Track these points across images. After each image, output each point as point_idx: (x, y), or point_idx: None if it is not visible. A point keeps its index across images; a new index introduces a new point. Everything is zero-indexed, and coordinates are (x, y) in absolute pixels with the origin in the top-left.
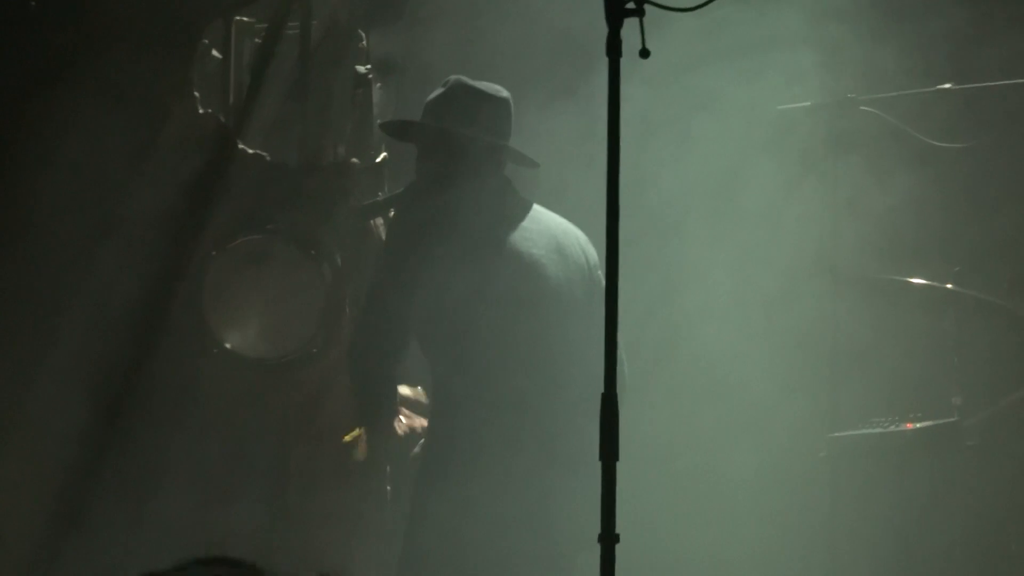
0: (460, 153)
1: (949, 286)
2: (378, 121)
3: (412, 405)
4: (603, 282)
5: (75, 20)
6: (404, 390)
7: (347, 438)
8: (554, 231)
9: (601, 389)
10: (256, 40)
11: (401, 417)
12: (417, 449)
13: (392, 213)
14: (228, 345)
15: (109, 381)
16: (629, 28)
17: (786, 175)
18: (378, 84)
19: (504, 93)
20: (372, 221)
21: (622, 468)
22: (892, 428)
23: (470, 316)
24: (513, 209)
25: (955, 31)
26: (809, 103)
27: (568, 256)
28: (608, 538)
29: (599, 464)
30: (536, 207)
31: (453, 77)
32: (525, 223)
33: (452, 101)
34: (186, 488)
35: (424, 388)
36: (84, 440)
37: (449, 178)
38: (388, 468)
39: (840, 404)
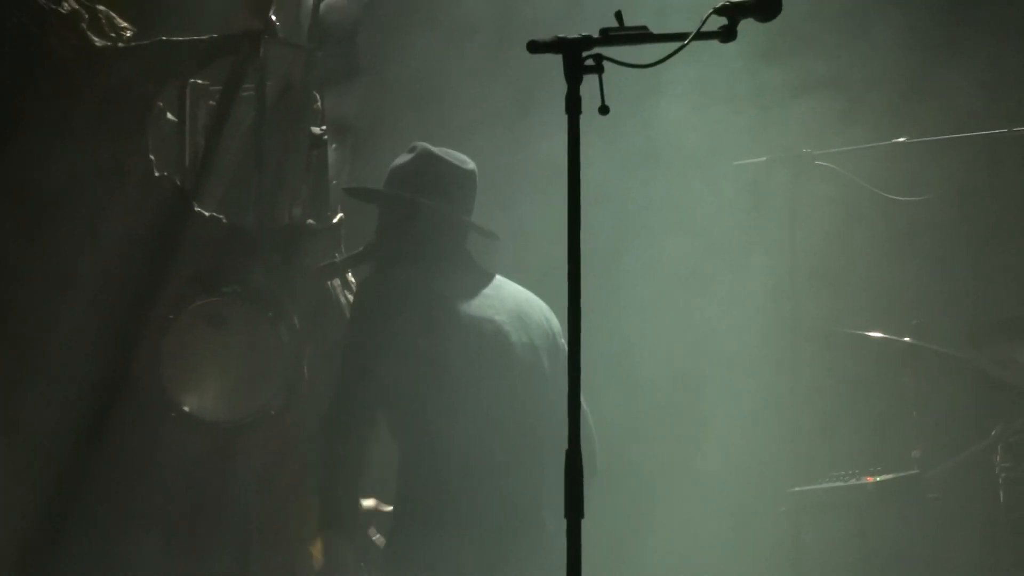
0: (424, 224)
1: (907, 339)
2: (340, 185)
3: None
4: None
5: (32, 80)
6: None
7: (312, 549)
8: (516, 300)
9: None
10: (211, 102)
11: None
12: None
13: (355, 292)
14: (186, 408)
15: (70, 439)
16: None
17: (743, 229)
18: (333, 145)
19: (470, 165)
20: (329, 282)
21: (587, 526)
22: (853, 482)
23: (435, 387)
24: (474, 280)
25: (907, 84)
26: (765, 158)
27: (531, 324)
28: None
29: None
30: (497, 277)
31: (420, 145)
32: (487, 292)
33: (418, 171)
34: (152, 540)
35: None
36: (50, 492)
37: (412, 249)
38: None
39: (800, 458)
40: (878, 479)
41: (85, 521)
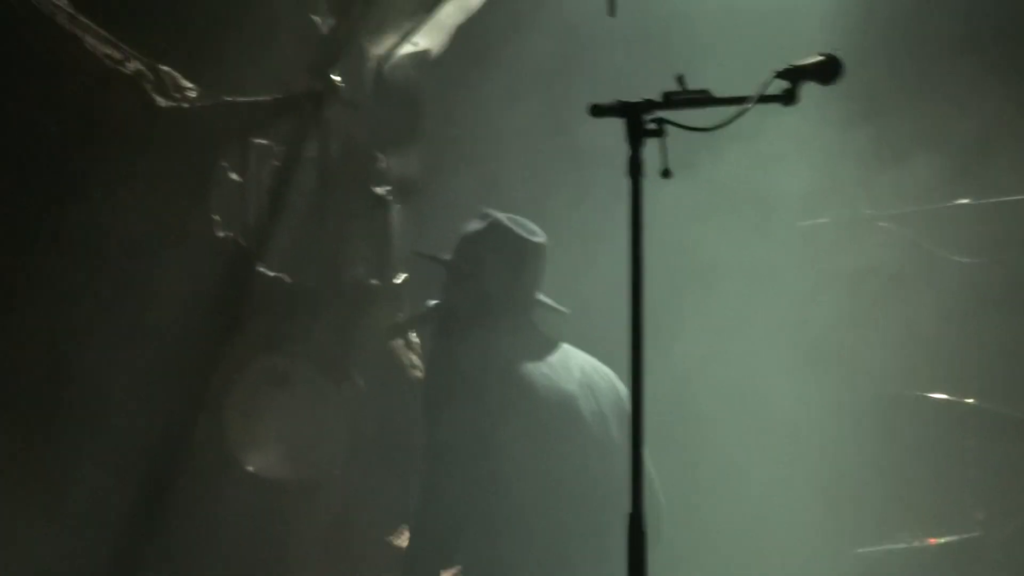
0: (491, 295)
1: (970, 401)
2: (403, 245)
3: None
4: None
5: (93, 142)
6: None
7: None
8: (584, 368)
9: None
10: (274, 162)
11: None
12: None
13: (425, 366)
14: (250, 467)
15: (133, 501)
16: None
17: (804, 291)
18: (396, 205)
19: (540, 237)
20: (393, 342)
21: None
22: (916, 544)
23: (503, 457)
24: (541, 349)
25: (969, 146)
26: (827, 219)
27: (599, 392)
28: None
29: None
30: (564, 345)
31: (491, 214)
32: (553, 360)
33: (488, 241)
34: None
35: None
36: (112, 551)
37: (477, 318)
38: None
39: (864, 519)
40: (941, 541)
41: None
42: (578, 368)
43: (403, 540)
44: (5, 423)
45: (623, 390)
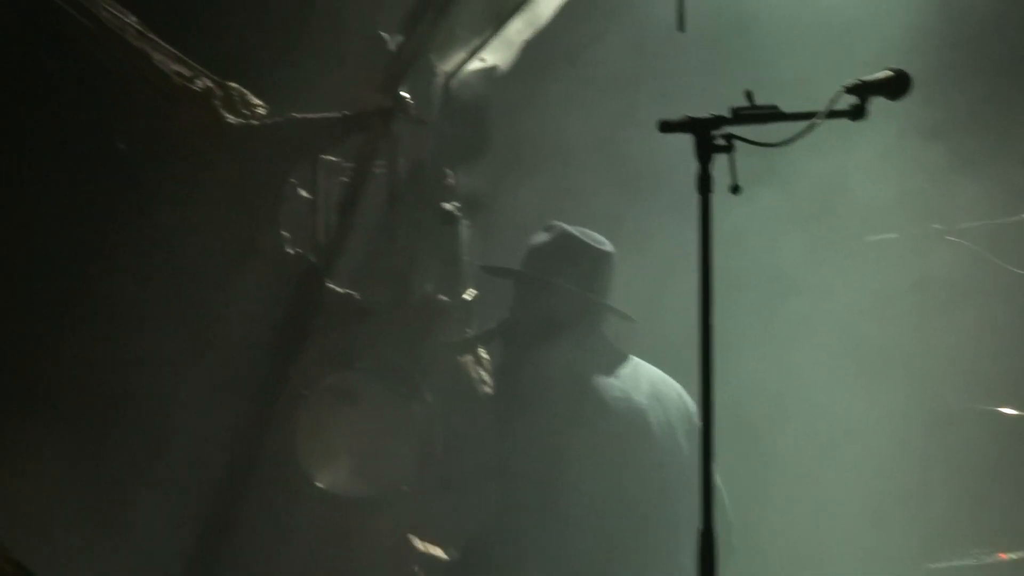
0: (560, 306)
1: None
2: (472, 261)
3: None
4: None
5: (162, 160)
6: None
7: None
8: (652, 380)
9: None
10: (343, 179)
11: None
12: None
13: (494, 379)
14: (320, 484)
15: (203, 519)
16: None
17: (873, 306)
18: (465, 220)
19: (607, 246)
20: (462, 358)
21: None
22: (988, 559)
23: (573, 469)
24: (610, 360)
25: None
26: (896, 234)
27: (668, 404)
28: None
29: None
30: (632, 358)
31: (557, 224)
32: (623, 372)
33: (556, 251)
34: None
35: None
36: (183, 571)
37: (547, 329)
38: None
39: (934, 535)
40: (1012, 556)
41: None
42: (647, 381)
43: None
44: (76, 440)
45: (691, 404)
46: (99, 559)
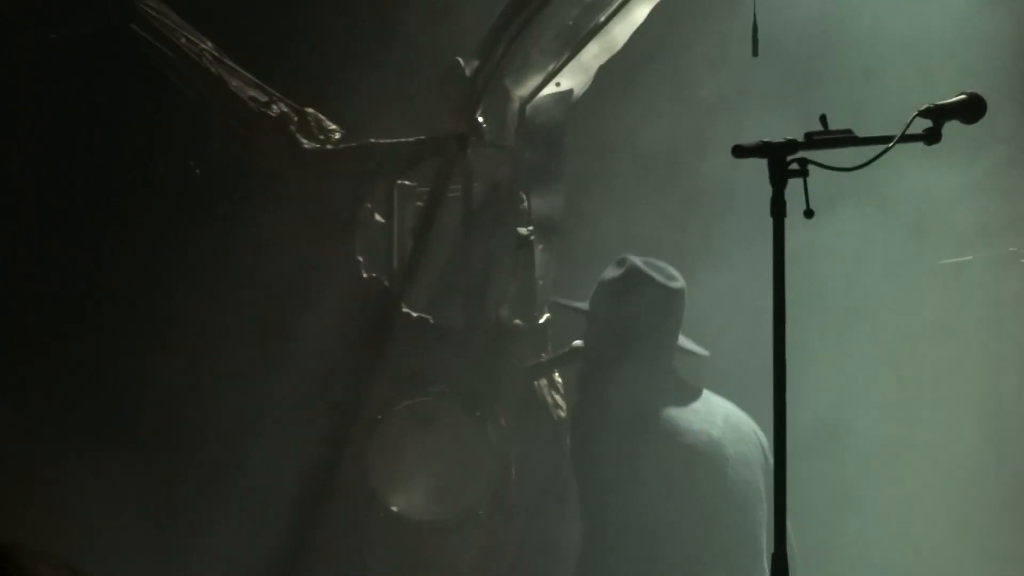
0: (632, 343)
1: None
2: (546, 285)
3: None
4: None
5: (239, 187)
6: None
7: None
8: (726, 413)
9: None
10: (418, 203)
11: None
12: None
13: (572, 416)
14: (394, 508)
15: (278, 539)
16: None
17: (950, 329)
18: (540, 245)
19: (679, 283)
20: (536, 382)
21: None
22: None
23: (649, 503)
24: (682, 394)
25: None
26: (971, 257)
27: (744, 437)
28: None
29: None
30: (704, 391)
31: (629, 259)
32: (696, 406)
33: (625, 289)
34: None
35: None
36: None
37: (619, 364)
38: None
39: (1009, 549)
40: None
41: None
42: (721, 415)
43: None
44: (151, 463)
45: (764, 439)
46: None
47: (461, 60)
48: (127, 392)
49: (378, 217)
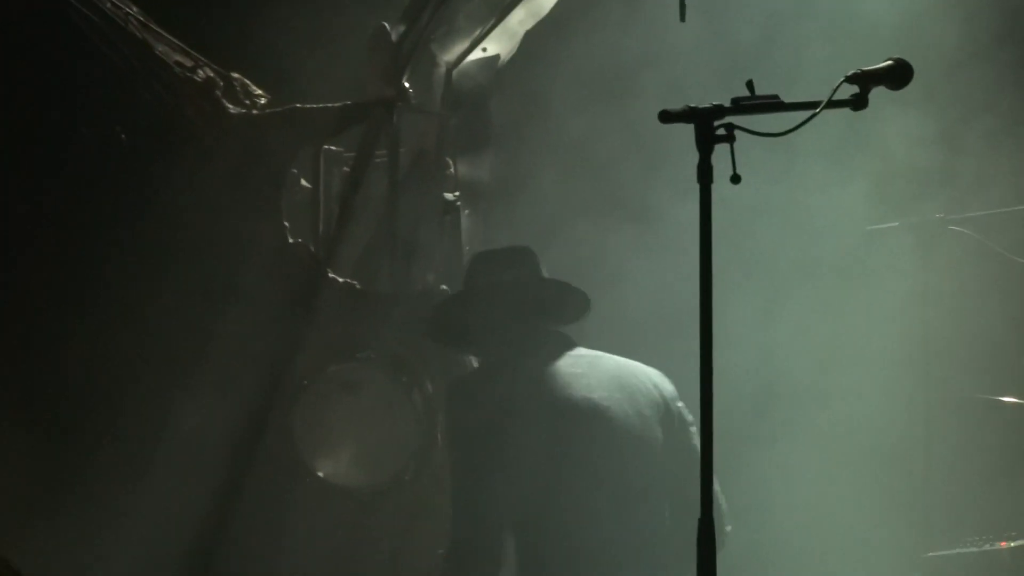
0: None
1: None
2: (473, 250)
3: None
4: (683, 414)
5: (165, 152)
6: None
7: None
8: (618, 372)
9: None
10: (344, 169)
11: None
12: None
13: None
14: (321, 474)
15: (203, 507)
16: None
17: (875, 295)
18: (466, 210)
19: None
20: None
21: None
22: (987, 547)
23: (535, 472)
24: (565, 360)
25: None
26: (897, 223)
27: (636, 394)
28: None
29: None
30: (592, 353)
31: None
32: (578, 371)
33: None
34: None
35: None
36: (184, 558)
37: (499, 333)
38: None
39: (934, 523)
40: (1012, 545)
41: None
42: (608, 373)
43: None
44: (76, 425)
45: (668, 389)
46: (97, 555)
47: (387, 25)
48: (44, 362)
49: (304, 182)
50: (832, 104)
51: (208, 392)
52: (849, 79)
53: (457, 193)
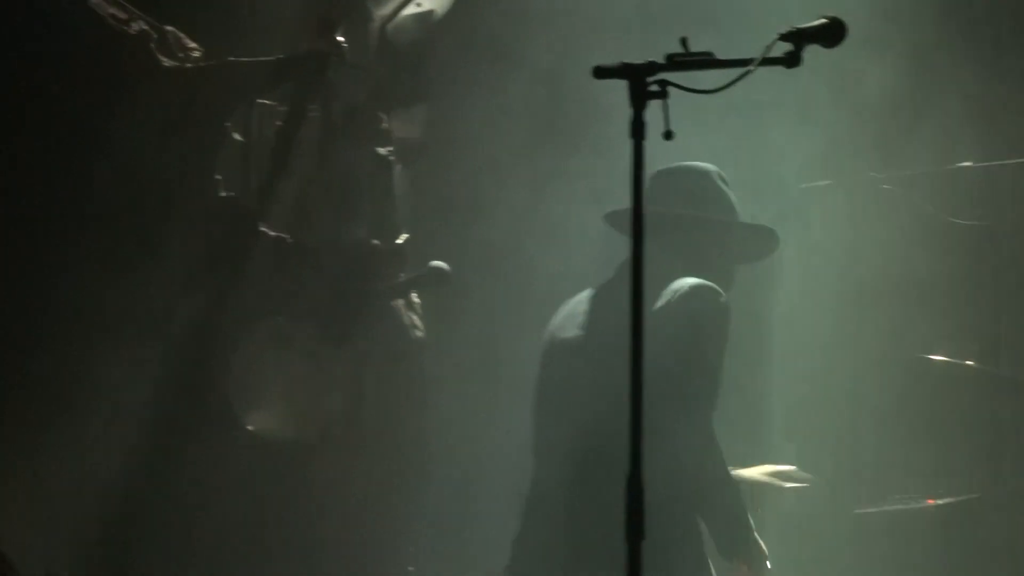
0: None
1: (970, 363)
2: (405, 205)
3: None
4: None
5: (102, 103)
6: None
7: None
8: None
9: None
10: (277, 123)
11: None
12: None
13: None
14: (251, 427)
15: (133, 462)
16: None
17: (806, 253)
18: (399, 166)
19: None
20: (394, 303)
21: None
22: (915, 504)
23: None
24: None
25: (975, 109)
26: (830, 181)
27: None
28: None
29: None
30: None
31: None
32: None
33: None
34: (217, 559)
35: None
36: (113, 513)
37: None
38: None
39: (862, 480)
40: (939, 502)
41: (150, 544)
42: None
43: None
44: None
45: (694, 301)
46: (36, 492)
47: None
48: None
49: (236, 136)
50: (766, 61)
51: (139, 344)
52: (783, 37)
53: (390, 148)
